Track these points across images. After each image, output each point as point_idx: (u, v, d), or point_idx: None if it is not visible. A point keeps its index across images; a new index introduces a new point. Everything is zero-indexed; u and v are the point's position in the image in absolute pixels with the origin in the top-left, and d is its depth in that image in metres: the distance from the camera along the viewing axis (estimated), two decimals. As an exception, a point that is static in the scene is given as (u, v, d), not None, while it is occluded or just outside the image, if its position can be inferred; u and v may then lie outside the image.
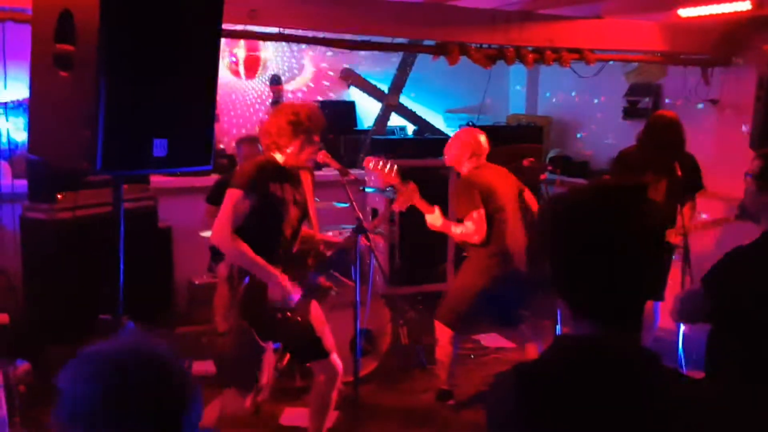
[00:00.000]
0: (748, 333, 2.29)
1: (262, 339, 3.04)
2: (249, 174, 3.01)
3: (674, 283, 4.12)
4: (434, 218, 3.92)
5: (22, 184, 4.67)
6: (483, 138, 4.09)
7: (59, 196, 4.43)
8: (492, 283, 3.91)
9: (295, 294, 3.04)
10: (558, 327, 4.03)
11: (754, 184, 2.40)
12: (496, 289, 3.92)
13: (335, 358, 3.32)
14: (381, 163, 3.60)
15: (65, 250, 4.42)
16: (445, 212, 4.05)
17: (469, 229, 3.86)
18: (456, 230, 3.94)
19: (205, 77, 2.53)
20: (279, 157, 3.12)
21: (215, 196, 4.79)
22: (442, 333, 4.07)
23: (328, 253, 3.29)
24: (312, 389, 3.45)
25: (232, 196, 2.95)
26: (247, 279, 3.01)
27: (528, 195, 4.17)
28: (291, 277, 3.06)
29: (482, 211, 3.84)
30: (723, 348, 2.36)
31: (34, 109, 2.50)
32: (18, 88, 5.00)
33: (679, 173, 4.06)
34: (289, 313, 3.06)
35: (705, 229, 4.19)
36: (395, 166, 3.59)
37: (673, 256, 4.23)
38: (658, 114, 4.48)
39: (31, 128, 2.52)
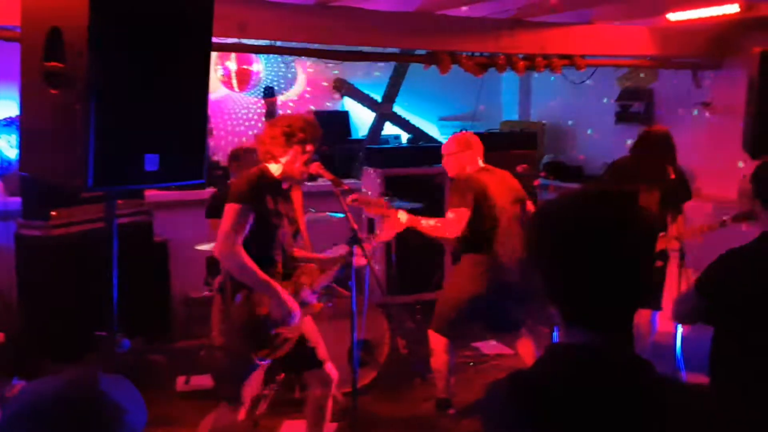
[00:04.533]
0: (745, 334, 2.30)
1: (258, 355, 3.02)
2: (244, 186, 3.01)
3: (672, 290, 4.13)
4: (401, 215, 3.81)
5: (15, 201, 4.66)
6: (469, 136, 4.07)
7: (53, 213, 4.42)
8: (481, 290, 3.89)
9: (296, 314, 3.03)
10: (554, 334, 4.03)
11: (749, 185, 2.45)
12: (487, 297, 3.90)
13: (329, 367, 3.31)
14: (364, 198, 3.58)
15: (60, 266, 4.41)
16: (440, 215, 4.05)
17: (447, 221, 3.84)
18: (428, 222, 3.89)
19: (195, 91, 2.53)
20: (274, 168, 3.12)
21: (212, 210, 4.78)
22: (437, 342, 4.05)
23: (326, 273, 3.28)
24: (307, 401, 3.44)
25: (230, 210, 2.95)
26: (239, 296, 2.99)
27: (530, 206, 4.13)
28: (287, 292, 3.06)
29: (468, 213, 3.82)
30: (723, 350, 2.36)
31: (24, 126, 2.49)
32: (9, 106, 5.01)
33: (672, 176, 4.09)
34: (283, 329, 3.06)
35: (701, 234, 4.20)
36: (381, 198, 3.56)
37: (667, 264, 4.25)
38: (650, 128, 4.51)
39: (22, 146, 2.52)
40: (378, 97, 6.99)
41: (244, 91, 6.31)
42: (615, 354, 1.26)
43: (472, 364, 4.96)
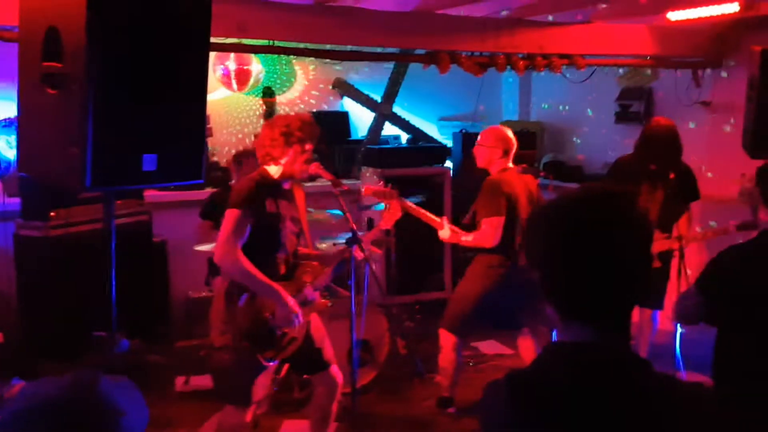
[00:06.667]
0: (746, 332, 2.29)
1: (263, 357, 3.02)
2: (244, 191, 3.00)
3: (674, 289, 4.12)
4: (444, 232, 3.93)
5: (15, 202, 4.66)
6: (508, 136, 4.01)
7: (52, 213, 4.42)
8: (494, 287, 3.90)
9: (299, 314, 3.04)
10: (554, 332, 4.02)
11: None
12: (498, 293, 3.91)
13: (335, 369, 3.31)
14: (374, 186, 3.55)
15: (59, 267, 4.41)
16: (440, 215, 4.05)
17: (484, 233, 3.85)
18: (467, 238, 3.92)
19: (194, 92, 2.53)
20: (274, 170, 3.11)
21: (208, 211, 4.78)
22: (446, 340, 4.04)
23: (326, 270, 3.28)
24: (311, 401, 3.44)
25: (231, 216, 2.94)
26: (244, 297, 3.00)
27: (541, 199, 4.09)
28: (289, 292, 3.06)
29: (503, 220, 3.82)
30: (726, 350, 2.36)
31: (23, 127, 2.49)
32: (8, 107, 5.00)
33: (672, 176, 4.07)
34: (288, 329, 3.06)
35: (706, 239, 4.18)
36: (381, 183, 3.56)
37: (669, 265, 4.23)
38: (654, 123, 4.32)
39: (21, 146, 2.52)
40: (378, 98, 6.98)
41: (244, 90, 6.31)
42: (612, 352, 1.26)
43: (471, 363, 4.96)
